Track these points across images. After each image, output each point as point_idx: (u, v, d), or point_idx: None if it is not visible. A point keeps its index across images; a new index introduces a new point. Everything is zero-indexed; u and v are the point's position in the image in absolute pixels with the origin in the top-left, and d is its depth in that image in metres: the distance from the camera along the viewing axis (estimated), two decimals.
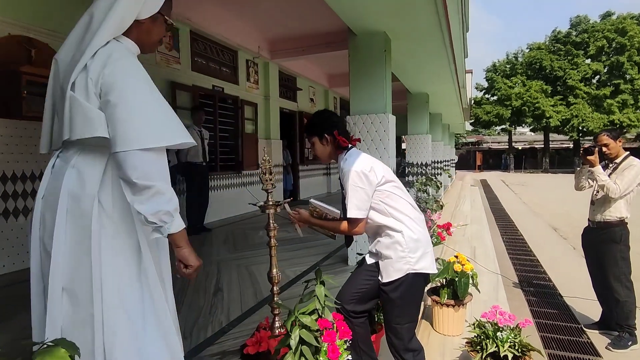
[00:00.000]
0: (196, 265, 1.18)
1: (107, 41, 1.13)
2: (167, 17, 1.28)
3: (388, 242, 1.69)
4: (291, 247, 4.48)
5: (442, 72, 5.63)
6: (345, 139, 1.79)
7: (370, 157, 1.80)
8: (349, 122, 3.64)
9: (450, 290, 2.69)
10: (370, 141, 3.56)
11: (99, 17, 1.13)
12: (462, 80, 7.18)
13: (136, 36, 1.21)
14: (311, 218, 1.84)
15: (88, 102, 1.06)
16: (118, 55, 1.10)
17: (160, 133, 1.08)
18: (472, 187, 15.55)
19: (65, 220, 1.08)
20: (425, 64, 5.12)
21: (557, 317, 3.57)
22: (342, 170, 1.74)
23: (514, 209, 10.50)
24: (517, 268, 5.12)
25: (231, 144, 6.88)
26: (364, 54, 3.57)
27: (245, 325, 2.43)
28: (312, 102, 10.25)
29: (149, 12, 1.21)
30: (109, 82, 1.06)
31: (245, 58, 7.15)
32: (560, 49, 28.15)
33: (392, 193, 1.71)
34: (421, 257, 1.68)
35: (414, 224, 1.71)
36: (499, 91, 28.71)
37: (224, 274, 3.55)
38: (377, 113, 3.53)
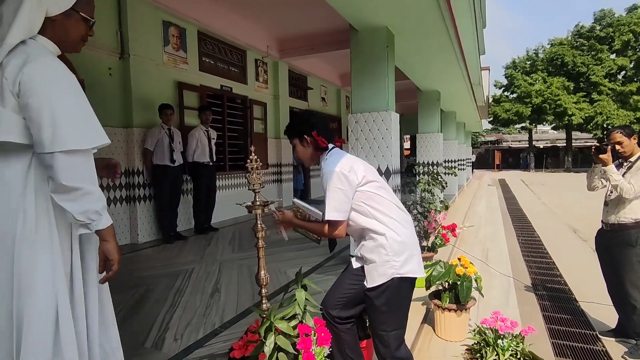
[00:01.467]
0: (117, 259, 1.19)
1: (20, 40, 1.11)
2: (87, 14, 1.24)
3: (372, 245, 1.63)
4: (296, 247, 4.43)
5: (451, 69, 5.49)
6: (325, 139, 1.74)
7: (352, 156, 1.74)
8: (351, 121, 3.56)
9: (452, 294, 2.59)
10: (373, 140, 3.47)
11: (8, 17, 1.12)
12: (475, 78, 6.98)
13: (52, 34, 1.19)
14: (294, 219, 1.78)
15: (2, 103, 1.05)
16: (36, 55, 1.08)
17: (86, 134, 1.08)
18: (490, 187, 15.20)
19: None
20: (432, 60, 5.00)
21: (571, 323, 3.40)
22: (322, 171, 1.69)
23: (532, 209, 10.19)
24: (532, 271, 4.93)
25: (240, 144, 6.89)
26: (366, 50, 3.49)
27: (238, 327, 2.39)
28: (324, 102, 10.19)
29: (59, 8, 1.18)
30: (29, 83, 1.04)
31: (254, 57, 7.14)
32: (584, 44, 27.23)
33: (375, 194, 1.64)
34: (407, 261, 1.60)
35: (399, 226, 1.63)
36: (518, 88, 27.99)
37: (224, 274, 3.53)
38: (379, 111, 3.45)
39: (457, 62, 5.17)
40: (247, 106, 6.97)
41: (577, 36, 27.93)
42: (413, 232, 1.70)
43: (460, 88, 7.15)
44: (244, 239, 5.02)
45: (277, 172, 7.94)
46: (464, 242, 5.25)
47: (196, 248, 4.49)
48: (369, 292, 1.61)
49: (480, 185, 15.60)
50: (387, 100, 3.43)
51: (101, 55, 4.40)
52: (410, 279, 1.63)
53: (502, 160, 33.91)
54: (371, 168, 1.74)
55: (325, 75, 9.79)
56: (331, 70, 9.97)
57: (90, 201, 1.10)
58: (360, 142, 3.54)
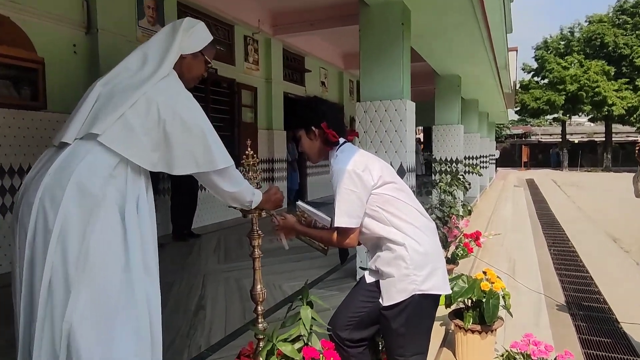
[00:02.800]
0: (271, 207, 1.78)
1: (167, 74, 1.52)
2: (209, 58, 1.70)
3: (389, 257, 1.64)
4: (292, 257, 4.46)
5: (474, 49, 5.53)
6: (336, 132, 1.75)
7: (367, 153, 1.76)
8: (359, 110, 3.59)
9: (476, 313, 2.63)
10: (384, 133, 3.50)
11: (153, 56, 1.55)
12: (502, 60, 7.03)
13: (178, 69, 1.60)
14: (297, 225, 1.81)
15: (146, 121, 1.43)
16: (179, 88, 1.53)
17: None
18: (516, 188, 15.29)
19: (72, 197, 1.33)
20: (453, 39, 5.04)
21: (611, 347, 3.45)
22: (331, 170, 1.71)
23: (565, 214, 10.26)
24: (566, 287, 4.98)
25: (226, 135, 6.90)
26: (378, 28, 3.52)
27: (227, 351, 2.42)
28: (324, 86, 10.21)
29: (192, 49, 1.63)
30: (182, 112, 1.46)
31: (243, 34, 7.15)
32: (627, 21, 27.36)
33: (393, 197, 1.66)
34: (430, 275, 1.63)
35: (421, 234, 1.65)
36: (550, 73, 28.10)
37: (209, 288, 3.55)
38: (392, 99, 3.48)
39: (481, 41, 5.20)
40: (234, 91, 6.98)
41: (620, 12, 28.05)
42: (437, 242, 1.72)
43: (484, 72, 7.19)
44: (230, 247, 5.04)
45: (269, 168, 7.97)
46: (488, 252, 5.29)
47: (175, 257, 4.51)
48: (386, 311, 1.63)
49: (505, 186, 15.68)
50: (402, 86, 3.46)
51: (64, 29, 4.40)
52: (433, 296, 1.65)
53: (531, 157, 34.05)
54: (388, 167, 1.76)
55: (326, 55, 9.81)
56: (333, 49, 9.99)
57: (249, 193, 1.66)
58: (369, 135, 3.57)
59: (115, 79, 1.51)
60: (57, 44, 4.34)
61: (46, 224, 1.31)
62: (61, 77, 4.34)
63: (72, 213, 1.31)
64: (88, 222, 1.31)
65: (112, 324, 1.30)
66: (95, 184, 1.34)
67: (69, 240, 1.30)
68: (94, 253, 1.31)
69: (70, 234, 1.30)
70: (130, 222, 1.39)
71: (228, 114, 6.98)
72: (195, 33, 1.65)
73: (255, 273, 1.99)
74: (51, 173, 1.37)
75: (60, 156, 1.40)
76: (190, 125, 1.46)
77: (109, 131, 1.39)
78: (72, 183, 1.33)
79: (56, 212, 1.31)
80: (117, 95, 1.45)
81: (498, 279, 2.70)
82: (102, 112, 1.43)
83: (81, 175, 1.34)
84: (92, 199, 1.33)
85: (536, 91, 28.77)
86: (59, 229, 1.29)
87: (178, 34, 1.60)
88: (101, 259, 1.31)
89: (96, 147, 1.39)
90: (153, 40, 1.62)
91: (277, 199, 1.82)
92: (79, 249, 1.29)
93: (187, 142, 1.45)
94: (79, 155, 1.39)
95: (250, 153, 1.99)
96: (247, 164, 1.97)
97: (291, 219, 1.83)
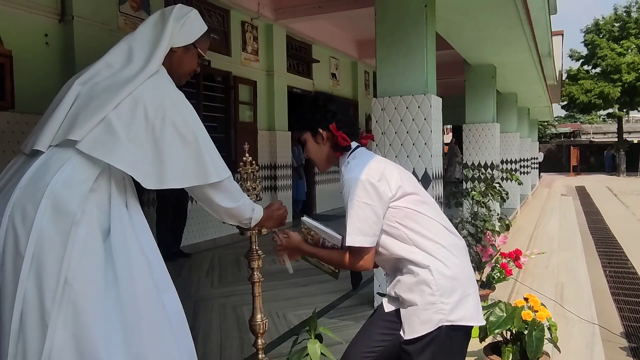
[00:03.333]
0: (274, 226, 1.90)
1: (157, 70, 1.55)
2: (202, 51, 1.73)
3: (411, 281, 1.64)
4: (298, 280, 4.46)
5: (512, 33, 5.54)
6: (347, 135, 1.77)
7: (384, 160, 1.77)
8: (375, 107, 3.60)
9: (516, 347, 2.61)
10: (406, 134, 3.50)
11: (139, 50, 1.57)
12: (544, 46, 7.01)
13: (168, 63, 1.62)
14: (303, 244, 1.81)
15: (132, 125, 1.44)
16: (170, 87, 1.55)
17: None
18: (564, 198, 15.16)
19: (46, 215, 1.35)
20: (486, 22, 5.05)
21: None
22: (342, 180, 1.71)
23: (623, 228, 10.14)
24: (625, 315, 4.92)
25: (220, 137, 6.96)
26: (397, 10, 3.54)
27: None
28: (334, 79, 10.27)
29: (184, 41, 1.66)
30: (174, 116, 1.48)
31: (240, 19, 7.24)
32: None
33: (414, 211, 1.66)
34: (460, 303, 1.62)
35: (448, 255, 1.65)
36: (603, 60, 27.93)
37: (201, 317, 3.58)
38: (414, 94, 3.48)
39: (520, 25, 5.20)
40: (230, 86, 7.05)
41: None
42: (468, 263, 1.72)
43: (523, 60, 7.17)
44: (225, 269, 5.07)
45: (271, 176, 8.00)
46: (530, 275, 5.24)
47: None
48: (407, 346, 1.63)
49: (550, 195, 15.54)
50: (426, 79, 3.47)
51: (34, 17, 4.49)
52: (464, 328, 1.65)
53: (581, 160, 33.76)
54: (409, 176, 1.76)
55: (337, 43, 9.87)
56: (345, 36, 10.06)
57: (249, 210, 1.72)
58: (388, 136, 3.58)
59: (96, 77, 1.53)
60: (26, 35, 4.42)
61: (17, 247, 1.32)
62: (31, 72, 4.42)
63: (47, 234, 1.32)
64: (65, 245, 1.32)
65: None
66: (73, 200, 1.35)
67: (44, 266, 1.30)
68: (74, 282, 1.31)
69: (46, 259, 1.30)
70: (118, 243, 1.40)
71: (223, 112, 7.05)
72: (187, 22, 1.66)
73: (255, 300, 2.01)
74: (22, 186, 1.38)
75: (32, 166, 1.41)
76: (183, 131, 1.47)
77: (89, 137, 1.40)
78: (46, 198, 1.34)
79: (28, 233, 1.31)
80: (98, 96, 1.47)
81: (542, 306, 2.68)
82: (80, 115, 1.44)
83: (57, 189, 1.35)
84: (69, 217, 1.33)
85: (586, 82, 28.58)
86: (31, 252, 1.30)
87: (168, 24, 1.61)
88: (83, 288, 1.31)
89: (74, 157, 1.40)
90: (139, 31, 1.64)
91: (279, 215, 1.84)
92: (56, 278, 1.30)
93: (179, 150, 1.46)
94: (54, 165, 1.39)
95: (249, 159, 2.02)
96: (245, 172, 2.00)
97: (296, 238, 1.83)
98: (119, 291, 1.36)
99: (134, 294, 1.38)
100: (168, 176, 1.46)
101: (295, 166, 8.75)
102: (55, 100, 1.58)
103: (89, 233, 1.36)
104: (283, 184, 8.20)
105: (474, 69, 7.34)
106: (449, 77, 10.00)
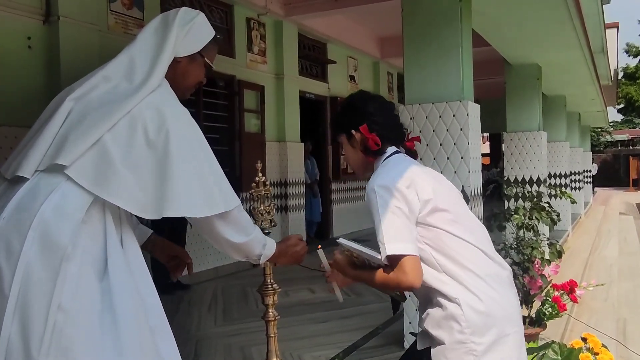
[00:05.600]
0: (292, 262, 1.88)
1: (159, 84, 1.57)
2: (209, 60, 1.75)
3: (440, 315, 1.64)
4: (315, 316, 4.46)
5: (558, 27, 5.55)
6: (384, 137, 1.80)
7: (420, 167, 1.79)
8: (404, 116, 3.62)
9: None
10: (439, 146, 3.51)
11: (141, 59, 1.59)
12: (597, 41, 7.00)
13: (171, 76, 1.64)
14: (348, 269, 1.80)
15: (130, 148, 1.45)
16: (174, 104, 1.57)
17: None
18: (623, 217, 14.95)
19: (33, 249, 1.35)
20: (529, 16, 5.06)
21: None
22: (366, 192, 1.74)
23: None
24: None
25: (223, 151, 7.01)
26: (427, 5, 3.57)
27: None
28: (353, 82, 10.32)
29: (188, 50, 1.68)
30: (178, 138, 1.48)
31: (246, 16, 7.33)
32: None
33: (445, 232, 1.66)
34: (496, 344, 1.62)
35: (484, 287, 1.64)
36: None
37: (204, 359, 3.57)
38: (448, 101, 3.50)
39: (568, 17, 5.21)
40: (234, 91, 7.12)
41: None
42: (510, 297, 1.72)
43: (572, 58, 7.15)
44: (230, 303, 5.08)
45: (281, 194, 8.02)
46: (587, 309, 5.18)
47: None
48: None
49: (607, 213, 15.35)
50: (462, 84, 3.49)
51: (16, 18, 4.59)
52: None
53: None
54: (449, 189, 1.79)
55: (356, 41, 9.93)
56: (365, 33, 10.12)
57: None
58: (418, 149, 3.55)
59: (92, 92, 1.54)
60: (6, 37, 4.52)
61: (1, 286, 1.33)
62: (12, 79, 4.51)
63: (34, 270, 1.33)
64: (55, 283, 1.32)
65: None
66: (64, 231, 1.36)
67: (31, 309, 1.30)
68: (65, 326, 1.31)
69: (32, 299, 1.31)
70: (117, 280, 1.41)
71: (226, 122, 7.11)
72: (193, 29, 1.68)
73: (269, 342, 2.02)
74: (6, 217, 1.39)
75: (17, 194, 1.42)
76: (187, 155, 1.48)
77: (80, 162, 1.41)
78: (33, 230, 1.34)
79: (13, 270, 1.32)
80: (91, 114, 1.47)
81: (604, 347, 2.65)
82: (71, 136, 1.44)
83: (45, 220, 1.36)
84: (59, 251, 1.34)
85: None
86: (17, 292, 1.31)
87: (172, 31, 1.62)
88: (76, 334, 1.32)
89: (63, 183, 1.41)
90: (139, 39, 1.65)
91: (296, 253, 1.85)
92: (44, 322, 1.30)
93: (182, 176, 1.46)
94: (42, 192, 1.40)
95: (262, 179, 2.05)
96: (258, 193, 2.03)
97: (341, 260, 1.82)
98: (117, 338, 1.36)
99: (133, 342, 1.39)
100: (169, 205, 1.45)
101: (308, 183, 8.76)
102: (41, 117, 1.58)
103: (82, 270, 1.36)
104: (295, 204, 8.20)
105: (515, 70, 7.33)
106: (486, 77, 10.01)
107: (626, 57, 30.19)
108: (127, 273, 1.45)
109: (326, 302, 4.78)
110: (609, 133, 37.11)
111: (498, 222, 3.70)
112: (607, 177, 33.06)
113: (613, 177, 33.59)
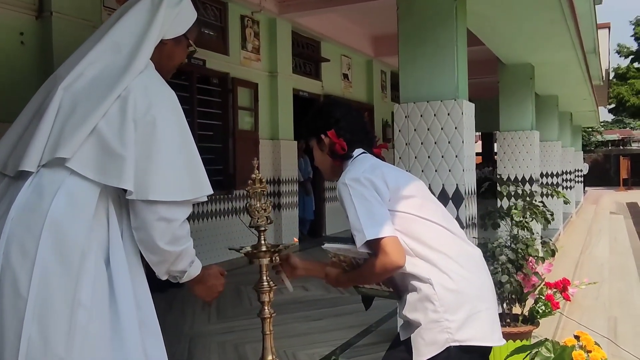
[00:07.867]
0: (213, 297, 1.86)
1: (145, 66, 1.56)
2: (193, 42, 1.77)
3: (414, 299, 1.68)
4: (310, 314, 4.45)
5: (552, 28, 5.58)
6: (352, 142, 1.87)
7: (384, 163, 1.87)
8: (398, 115, 3.62)
9: None
10: (433, 145, 3.52)
11: (129, 40, 1.57)
12: (589, 42, 7.04)
13: (157, 58, 1.63)
14: (341, 277, 1.86)
15: (124, 133, 1.44)
16: (161, 87, 1.58)
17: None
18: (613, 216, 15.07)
19: (49, 250, 1.34)
20: (523, 16, 5.08)
21: None
22: (337, 187, 1.80)
23: None
24: None
25: (217, 148, 7.00)
26: (423, 4, 3.57)
27: None
28: (347, 80, 10.32)
29: (175, 32, 1.68)
30: (164, 122, 1.49)
31: (240, 13, 7.32)
32: None
33: (415, 216, 1.71)
34: (468, 320, 1.64)
35: (454, 266, 1.68)
36: None
37: (197, 358, 3.56)
38: (443, 100, 3.51)
39: (562, 17, 5.23)
40: (228, 89, 7.11)
41: None
42: (481, 275, 1.76)
43: (565, 58, 7.20)
44: (224, 300, 5.06)
45: (274, 192, 8.02)
46: (578, 308, 5.21)
47: None
48: None
49: (598, 213, 15.46)
50: (457, 82, 3.50)
51: (9, 13, 4.56)
52: (478, 350, 1.66)
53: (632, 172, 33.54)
54: (412, 179, 1.84)
55: (350, 39, 9.94)
56: (359, 31, 10.13)
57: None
58: (412, 148, 3.59)
59: (80, 80, 1.52)
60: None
61: (16, 288, 1.31)
62: (5, 75, 4.49)
63: (53, 272, 1.31)
64: (76, 284, 1.31)
65: None
66: (80, 231, 1.35)
67: (52, 310, 1.30)
68: (89, 324, 1.31)
69: (53, 300, 1.30)
70: (117, 270, 1.40)
71: (220, 119, 7.10)
72: (182, 12, 1.69)
73: (265, 339, 2.02)
74: (14, 217, 1.37)
75: (22, 193, 1.40)
76: (174, 138, 1.50)
77: (81, 153, 1.40)
78: (47, 230, 1.32)
79: (29, 272, 1.30)
80: (83, 102, 1.47)
81: (596, 345, 2.65)
82: (67, 127, 1.43)
83: (57, 220, 1.34)
84: (78, 250, 1.33)
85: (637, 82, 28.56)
86: (34, 295, 1.29)
87: (159, 13, 1.61)
88: (98, 331, 1.32)
89: (69, 178, 1.40)
90: (124, 21, 1.62)
91: (213, 286, 1.82)
92: (69, 322, 1.30)
93: (169, 159, 1.47)
94: (48, 189, 1.39)
95: (258, 177, 2.05)
96: (255, 191, 2.03)
97: (333, 273, 1.88)
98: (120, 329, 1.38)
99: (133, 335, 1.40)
100: (154, 187, 1.43)
101: (301, 180, 8.77)
102: (29, 107, 1.57)
103: (97, 262, 1.37)
104: (288, 202, 8.21)
105: (509, 69, 7.36)
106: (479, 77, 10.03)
107: (618, 58, 30.41)
108: (125, 264, 1.45)
109: (320, 300, 4.78)
110: (600, 133, 37.34)
111: (492, 220, 3.70)
112: (598, 176, 33.24)
113: (604, 177, 33.79)
